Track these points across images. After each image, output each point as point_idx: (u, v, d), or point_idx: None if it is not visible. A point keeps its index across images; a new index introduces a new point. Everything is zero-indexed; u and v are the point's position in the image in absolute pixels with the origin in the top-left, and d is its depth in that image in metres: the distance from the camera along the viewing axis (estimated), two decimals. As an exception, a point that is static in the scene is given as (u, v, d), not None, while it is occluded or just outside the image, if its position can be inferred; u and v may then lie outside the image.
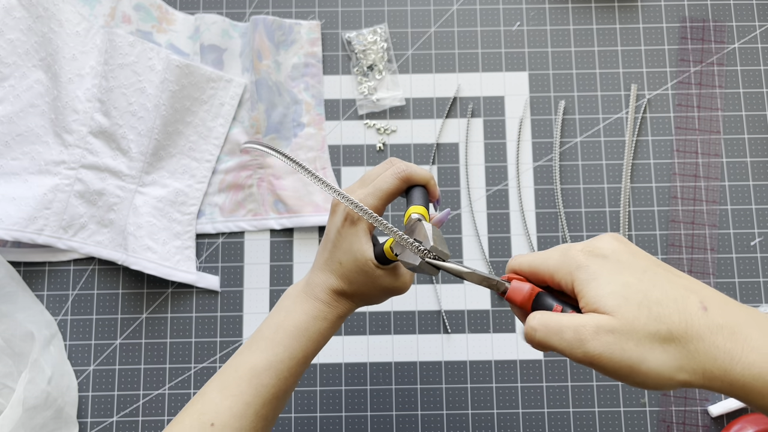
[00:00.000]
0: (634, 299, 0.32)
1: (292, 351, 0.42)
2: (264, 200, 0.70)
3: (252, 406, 0.41)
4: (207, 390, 0.42)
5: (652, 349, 0.31)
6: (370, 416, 0.66)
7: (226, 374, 0.42)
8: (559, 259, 0.35)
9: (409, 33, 0.73)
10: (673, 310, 0.32)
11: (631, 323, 0.31)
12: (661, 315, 0.31)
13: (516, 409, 0.66)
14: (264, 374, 0.41)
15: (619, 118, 0.72)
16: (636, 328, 0.31)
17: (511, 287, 0.36)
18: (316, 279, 0.44)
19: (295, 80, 0.72)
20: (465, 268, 0.38)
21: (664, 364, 0.31)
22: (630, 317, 0.31)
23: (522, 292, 0.36)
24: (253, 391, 0.41)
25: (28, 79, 0.68)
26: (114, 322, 0.68)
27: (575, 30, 0.73)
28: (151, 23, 0.72)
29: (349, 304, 0.45)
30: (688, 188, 0.70)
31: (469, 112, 0.72)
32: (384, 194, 0.42)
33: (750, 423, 0.64)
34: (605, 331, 0.31)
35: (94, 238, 0.68)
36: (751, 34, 0.73)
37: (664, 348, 0.31)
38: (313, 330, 0.43)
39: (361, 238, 0.42)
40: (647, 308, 0.32)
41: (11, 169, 0.67)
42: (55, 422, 0.61)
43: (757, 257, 0.69)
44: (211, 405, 0.41)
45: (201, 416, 0.40)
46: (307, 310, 0.43)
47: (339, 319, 0.45)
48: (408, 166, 0.43)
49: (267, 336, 0.43)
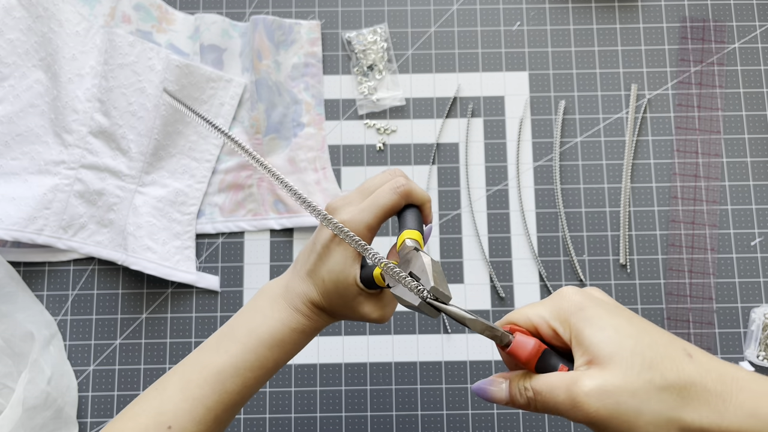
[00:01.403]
0: (627, 345, 0.31)
1: (263, 360, 0.40)
2: (264, 200, 0.70)
3: (212, 411, 0.39)
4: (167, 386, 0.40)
5: (648, 399, 0.30)
6: (370, 416, 0.66)
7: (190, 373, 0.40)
8: (557, 303, 0.34)
9: (409, 33, 0.73)
10: (663, 355, 0.31)
11: (625, 371, 0.31)
12: (654, 361, 0.31)
13: (516, 409, 0.66)
14: (229, 381, 0.39)
15: (620, 118, 0.72)
16: (630, 378, 0.30)
17: (515, 341, 0.34)
18: (297, 288, 0.42)
19: (295, 80, 0.72)
20: (468, 315, 0.35)
21: (660, 414, 0.30)
22: (625, 366, 0.31)
23: (527, 348, 0.34)
24: (217, 397, 0.39)
25: (27, 79, 0.68)
26: (114, 322, 0.68)
27: (575, 30, 0.73)
28: (151, 23, 0.72)
29: (327, 318, 0.43)
30: (688, 188, 0.70)
31: (469, 112, 0.72)
32: (381, 210, 0.40)
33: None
34: (598, 387, 0.31)
35: (93, 238, 0.68)
36: (751, 34, 0.73)
37: (660, 398, 0.30)
38: (288, 341, 0.41)
39: (347, 258, 0.40)
40: (640, 355, 0.31)
41: (11, 169, 0.67)
42: (54, 422, 0.61)
43: (758, 257, 0.69)
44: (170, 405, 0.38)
45: (158, 416, 0.38)
46: (284, 320, 0.41)
47: (315, 331, 0.43)
48: (408, 182, 0.41)
49: (239, 339, 0.41)
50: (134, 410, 0.39)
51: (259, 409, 0.67)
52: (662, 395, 0.30)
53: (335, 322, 0.43)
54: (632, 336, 0.32)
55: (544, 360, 0.34)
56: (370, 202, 0.40)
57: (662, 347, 0.31)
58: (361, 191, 0.41)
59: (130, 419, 0.39)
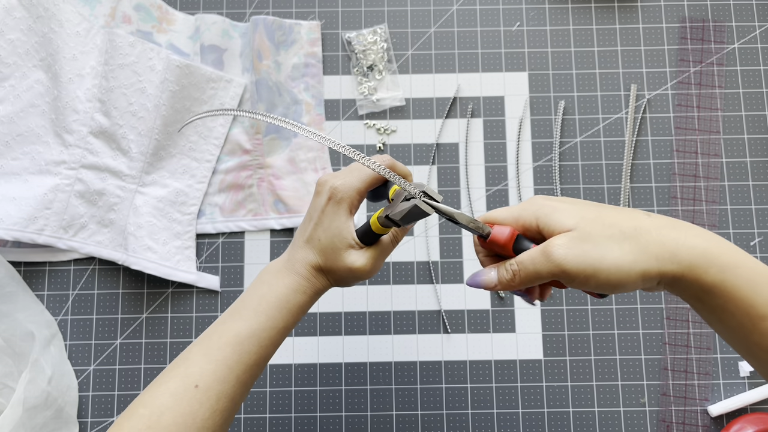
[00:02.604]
0: (589, 216, 0.38)
1: (274, 321, 0.45)
2: (264, 200, 0.70)
3: (234, 371, 0.43)
4: (190, 355, 0.43)
5: (610, 247, 0.37)
6: (370, 416, 0.67)
7: (210, 340, 0.44)
8: (523, 205, 0.41)
9: (409, 33, 0.73)
10: (623, 217, 0.38)
11: (589, 231, 0.37)
12: (613, 222, 0.38)
13: (516, 409, 0.66)
14: (247, 341, 0.44)
15: (619, 118, 0.72)
16: (593, 234, 0.37)
17: (494, 230, 0.41)
18: (297, 255, 0.47)
19: (295, 80, 0.72)
20: (456, 210, 0.42)
21: (621, 257, 0.36)
22: (587, 228, 0.37)
23: (505, 234, 0.40)
24: (237, 357, 0.43)
25: (28, 79, 0.68)
26: (114, 322, 0.68)
27: (575, 30, 0.73)
28: (152, 23, 0.72)
29: (325, 280, 0.47)
30: (687, 188, 0.70)
31: (469, 112, 0.72)
32: (367, 176, 0.45)
33: (750, 423, 0.64)
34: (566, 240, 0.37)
35: (94, 238, 0.68)
36: (751, 34, 0.73)
37: (620, 245, 0.37)
38: (293, 302, 0.46)
39: (341, 216, 0.45)
40: (600, 220, 0.38)
41: (11, 169, 0.68)
42: (55, 422, 0.61)
43: (757, 257, 0.69)
44: (195, 368, 0.42)
45: (186, 378, 0.42)
46: (288, 284, 0.46)
47: (316, 294, 0.47)
48: (391, 158, 0.47)
49: (250, 306, 0.45)
50: (162, 378, 0.43)
51: (260, 409, 0.67)
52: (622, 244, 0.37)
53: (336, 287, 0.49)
54: (593, 211, 0.38)
55: (519, 242, 0.40)
56: (358, 170, 0.46)
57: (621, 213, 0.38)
58: (350, 168, 0.47)
59: (160, 386, 0.42)
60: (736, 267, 0.36)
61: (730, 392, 0.67)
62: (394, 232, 0.47)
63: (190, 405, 0.41)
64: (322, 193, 0.46)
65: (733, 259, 0.36)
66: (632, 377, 0.67)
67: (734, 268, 0.36)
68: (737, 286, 0.36)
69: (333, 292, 0.69)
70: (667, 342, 0.67)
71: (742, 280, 0.36)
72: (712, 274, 0.36)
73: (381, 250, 0.46)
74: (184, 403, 0.41)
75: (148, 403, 0.41)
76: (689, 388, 0.67)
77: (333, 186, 0.45)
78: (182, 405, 0.40)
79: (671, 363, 0.67)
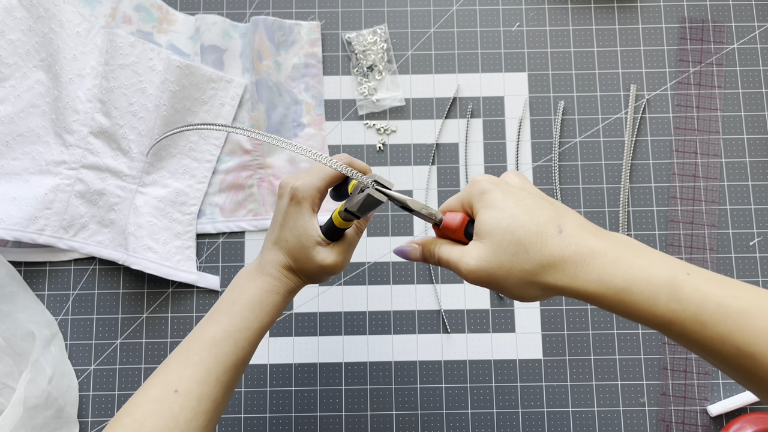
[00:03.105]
0: (503, 225, 0.39)
1: (248, 322, 0.46)
2: (264, 200, 0.70)
3: (213, 373, 0.44)
4: (170, 361, 0.44)
5: (512, 269, 0.38)
6: (370, 416, 0.67)
7: (187, 345, 0.45)
8: (468, 189, 0.42)
9: (408, 33, 0.73)
10: (533, 233, 0.38)
11: (496, 250, 0.39)
12: (521, 239, 0.38)
13: (515, 409, 0.66)
14: (223, 343, 0.45)
15: (619, 118, 0.72)
16: (498, 254, 0.39)
17: (446, 217, 0.43)
18: (266, 257, 0.48)
19: (296, 81, 0.72)
20: (409, 197, 0.43)
21: (523, 279, 0.38)
22: (496, 243, 0.39)
23: (456, 220, 0.42)
24: (214, 359, 0.44)
25: (28, 80, 0.69)
26: (114, 322, 0.68)
27: (575, 30, 0.73)
28: (152, 24, 0.72)
29: (297, 279, 0.48)
30: (687, 188, 0.70)
31: (469, 112, 0.72)
32: (327, 175, 0.47)
33: (749, 423, 0.64)
34: (475, 252, 0.39)
35: (94, 238, 0.68)
36: (750, 34, 0.73)
37: (522, 267, 0.38)
38: (267, 303, 0.47)
39: (304, 215, 0.46)
40: (511, 233, 0.38)
41: (12, 169, 0.68)
42: (55, 422, 0.61)
43: (756, 257, 0.69)
44: (174, 373, 0.43)
45: (165, 384, 0.43)
46: (260, 285, 0.47)
47: (289, 293, 0.48)
48: (349, 156, 0.48)
49: (224, 309, 0.46)
50: (144, 387, 0.44)
51: (260, 409, 0.67)
52: (525, 266, 0.38)
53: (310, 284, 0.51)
54: (513, 216, 0.39)
55: (469, 229, 0.42)
56: (317, 170, 0.47)
57: (535, 226, 0.38)
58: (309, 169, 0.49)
59: (141, 394, 0.43)
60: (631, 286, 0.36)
61: (729, 392, 0.67)
62: (357, 223, 0.48)
63: (171, 409, 0.42)
64: (284, 195, 0.47)
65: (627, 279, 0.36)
66: (632, 377, 0.67)
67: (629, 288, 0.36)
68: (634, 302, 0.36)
69: (333, 292, 0.69)
70: (666, 342, 0.68)
71: (637, 296, 0.36)
72: (609, 296, 0.37)
73: (347, 243, 0.48)
74: (165, 408, 0.42)
75: (131, 411, 0.42)
76: (689, 388, 0.67)
77: (293, 187, 0.46)
78: (163, 410, 0.41)
79: (671, 363, 0.67)
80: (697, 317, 0.34)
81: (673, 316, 0.35)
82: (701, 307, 0.34)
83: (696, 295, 0.34)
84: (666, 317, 0.35)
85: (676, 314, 0.35)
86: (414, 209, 0.43)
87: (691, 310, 0.34)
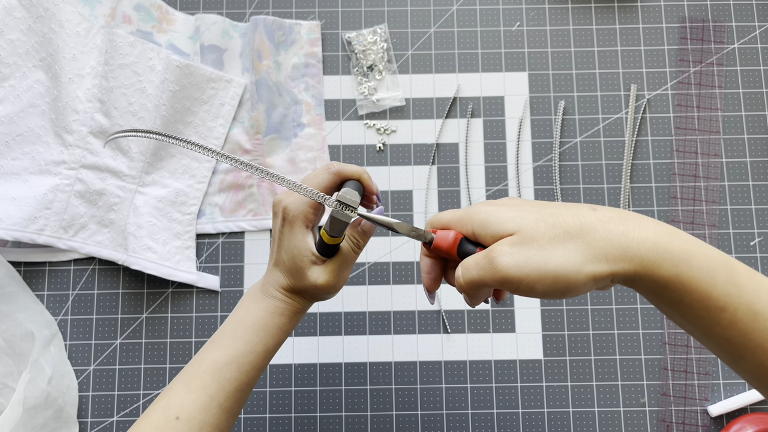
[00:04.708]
0: (530, 217, 0.36)
1: (252, 345, 0.45)
2: (264, 200, 0.70)
3: (215, 399, 0.43)
4: (172, 386, 0.44)
5: (554, 249, 0.34)
6: (370, 416, 0.67)
7: (190, 370, 0.44)
8: (461, 212, 0.39)
9: (409, 33, 0.73)
10: (566, 215, 0.35)
11: (531, 234, 0.35)
12: (557, 222, 0.35)
13: (516, 409, 0.66)
14: (226, 368, 0.44)
15: (619, 118, 0.72)
16: (536, 237, 0.35)
17: (437, 235, 0.40)
18: (269, 278, 0.47)
19: (295, 80, 0.72)
20: (394, 220, 0.42)
21: (567, 259, 0.34)
22: (529, 230, 0.35)
23: (448, 238, 0.39)
24: (216, 384, 0.43)
25: (28, 79, 0.69)
26: (114, 322, 0.68)
27: (575, 30, 0.73)
28: (152, 23, 0.72)
29: (300, 299, 0.47)
30: (687, 188, 0.70)
31: (469, 112, 0.72)
32: (317, 188, 0.45)
33: (750, 423, 0.64)
34: (509, 246, 0.35)
35: (94, 238, 0.68)
36: (751, 34, 0.73)
37: (565, 246, 0.34)
38: (272, 325, 0.46)
39: (296, 235, 0.45)
40: (543, 220, 0.35)
41: (11, 169, 0.68)
42: (55, 422, 0.61)
43: (757, 257, 0.69)
44: (176, 399, 0.42)
45: (167, 411, 0.42)
46: (264, 307, 0.46)
47: (296, 314, 0.47)
48: (340, 163, 0.46)
49: (228, 332, 0.45)
50: (146, 413, 0.43)
51: (259, 409, 0.67)
52: (567, 244, 0.34)
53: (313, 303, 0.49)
54: (534, 211, 0.36)
55: (463, 246, 0.39)
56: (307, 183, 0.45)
57: (564, 210, 0.36)
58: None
59: (143, 420, 0.42)
60: (690, 258, 0.34)
61: (730, 392, 0.67)
62: (354, 239, 0.45)
63: None
64: (277, 214, 0.46)
65: (685, 250, 0.34)
66: (632, 377, 0.67)
67: (687, 260, 0.33)
68: (692, 277, 0.33)
69: (333, 292, 0.69)
70: (666, 342, 0.67)
71: (696, 270, 0.33)
72: (665, 268, 0.34)
73: (341, 261, 0.45)
74: None
75: None
76: (689, 388, 0.67)
77: (284, 206, 0.45)
78: None
79: (671, 363, 0.67)
80: (752, 306, 0.32)
81: (728, 301, 0.33)
82: (756, 296, 0.33)
83: (750, 283, 0.33)
84: (721, 301, 0.33)
85: (731, 299, 0.33)
86: (401, 232, 0.41)
87: (746, 296, 0.33)
